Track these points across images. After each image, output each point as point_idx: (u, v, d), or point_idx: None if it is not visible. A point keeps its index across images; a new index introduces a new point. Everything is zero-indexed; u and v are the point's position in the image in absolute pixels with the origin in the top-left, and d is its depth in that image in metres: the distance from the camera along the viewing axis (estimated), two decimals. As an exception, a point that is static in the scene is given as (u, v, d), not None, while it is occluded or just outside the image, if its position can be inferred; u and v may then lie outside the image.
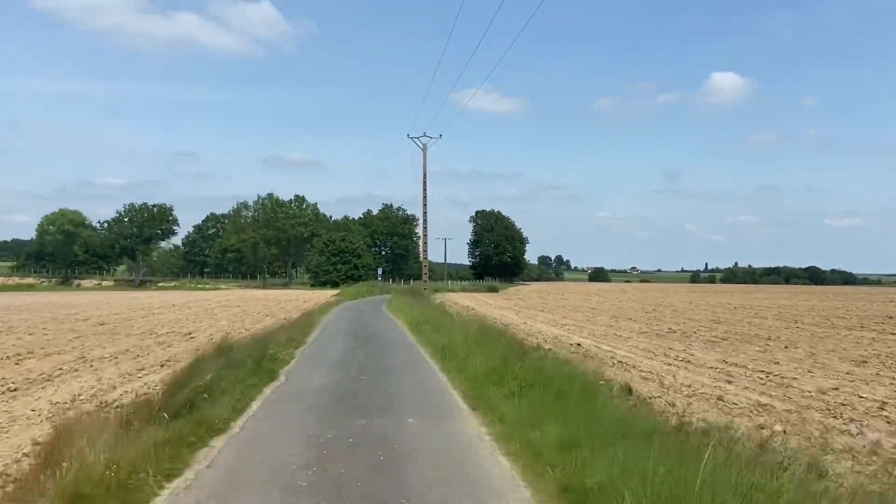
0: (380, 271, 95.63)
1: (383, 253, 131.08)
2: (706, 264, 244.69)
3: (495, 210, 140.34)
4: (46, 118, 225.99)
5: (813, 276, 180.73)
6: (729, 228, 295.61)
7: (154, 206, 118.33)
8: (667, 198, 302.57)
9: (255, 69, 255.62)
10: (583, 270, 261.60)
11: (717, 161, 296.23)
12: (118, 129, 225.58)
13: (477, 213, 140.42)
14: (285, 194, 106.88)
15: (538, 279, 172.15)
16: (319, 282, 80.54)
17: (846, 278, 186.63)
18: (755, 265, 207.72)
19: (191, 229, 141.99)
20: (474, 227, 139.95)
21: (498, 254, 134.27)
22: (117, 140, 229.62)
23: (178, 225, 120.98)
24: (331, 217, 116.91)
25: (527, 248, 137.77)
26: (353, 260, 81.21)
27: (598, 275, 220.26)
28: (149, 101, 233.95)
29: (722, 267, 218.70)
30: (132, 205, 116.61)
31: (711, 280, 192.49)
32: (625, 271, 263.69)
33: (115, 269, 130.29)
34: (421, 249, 45.87)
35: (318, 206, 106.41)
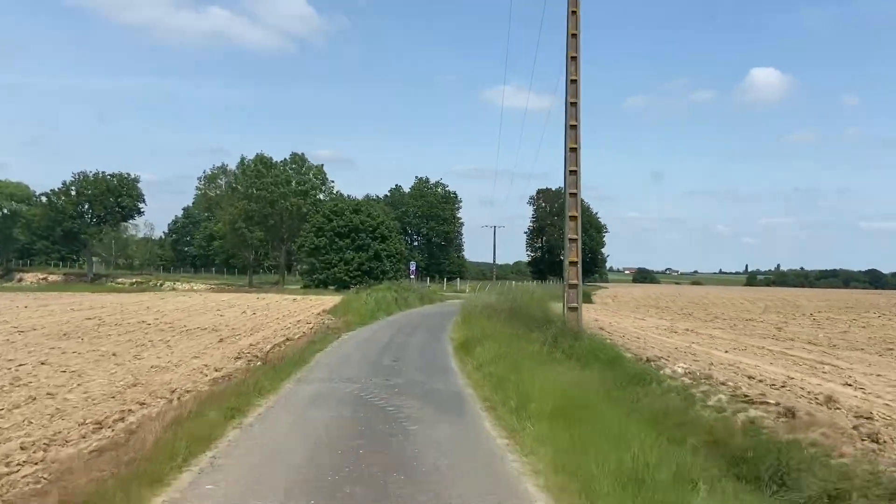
0: (413, 266, 64.18)
1: (415, 243, 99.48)
2: (746, 266, 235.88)
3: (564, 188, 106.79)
4: (78, 113, 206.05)
5: (874, 280, 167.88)
6: (763, 230, 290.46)
7: (112, 175, 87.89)
8: (700, 199, 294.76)
9: (285, 64, 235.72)
10: (618, 271, 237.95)
11: (752, 161, 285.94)
12: (147, 124, 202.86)
13: (539, 192, 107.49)
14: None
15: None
16: (315, 281, 48.85)
17: None
18: (789, 267, 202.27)
19: (179, 213, 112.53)
20: (535, 210, 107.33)
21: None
22: (146, 136, 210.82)
23: (143, 202, 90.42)
24: (348, 196, 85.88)
25: (605, 238, 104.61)
26: (372, 245, 48.92)
27: (644, 276, 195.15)
28: (176, 97, 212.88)
29: (763, 269, 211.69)
30: (83, 174, 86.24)
31: (769, 283, 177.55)
32: (663, 273, 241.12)
33: (69, 260, 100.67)
34: (567, 208, 11.53)
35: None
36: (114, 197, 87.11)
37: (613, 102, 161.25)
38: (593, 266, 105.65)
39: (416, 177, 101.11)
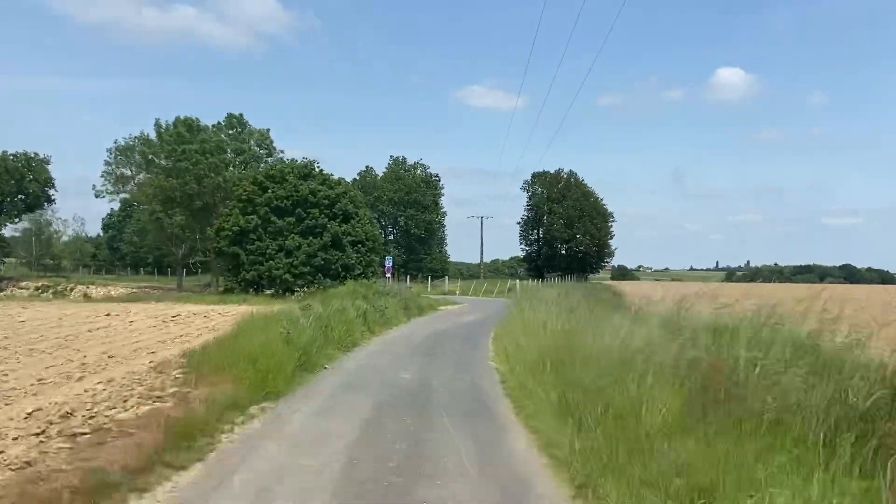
0: (389, 263, 48.12)
1: (391, 236, 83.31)
2: (717, 262, 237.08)
3: (564, 170, 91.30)
4: (43, 115, 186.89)
5: (848, 275, 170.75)
6: (731, 227, 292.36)
7: (16, 156, 69.73)
8: (669, 196, 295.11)
9: (254, 64, 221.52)
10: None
11: (720, 159, 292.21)
12: (109, 123, 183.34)
13: (535, 175, 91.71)
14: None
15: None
16: (242, 283, 31.49)
17: (883, 277, 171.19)
18: (758, 263, 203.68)
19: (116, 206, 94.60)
20: (531, 197, 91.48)
21: (572, 237, 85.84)
22: (107, 136, 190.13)
23: (53, 188, 72.27)
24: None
25: (613, 229, 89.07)
26: (330, 226, 32.16)
27: (623, 274, 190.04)
28: (140, 97, 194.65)
29: (733, 265, 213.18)
30: (-30, 152, 67.77)
31: (748, 279, 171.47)
32: (637, 270, 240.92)
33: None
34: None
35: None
36: (15, 181, 69.00)
37: (588, 101, 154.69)
38: (599, 260, 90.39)
39: (391, 156, 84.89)
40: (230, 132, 52.75)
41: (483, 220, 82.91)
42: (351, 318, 17.17)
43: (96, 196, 60.02)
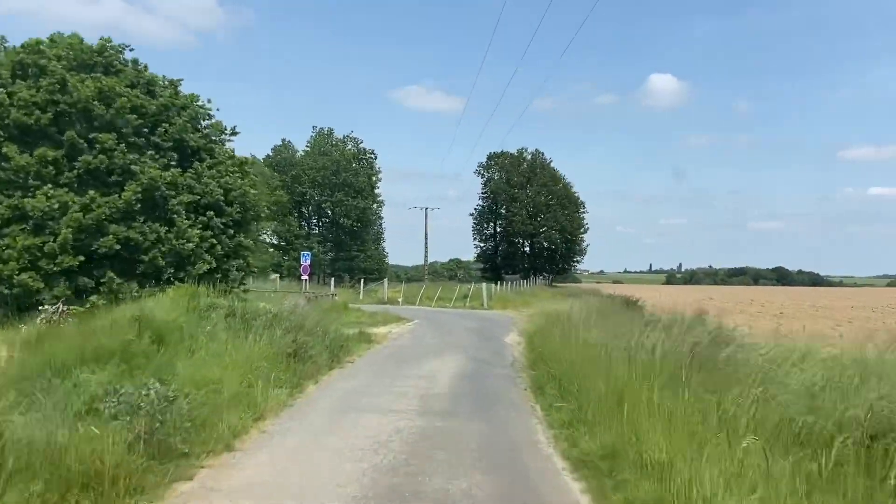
0: (306, 260, 32.77)
1: (315, 229, 65.78)
2: (650, 265, 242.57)
3: (527, 150, 75.64)
4: None
5: (780, 278, 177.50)
6: (663, 230, 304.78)
7: None
8: (604, 200, 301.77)
9: (185, 60, 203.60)
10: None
11: (653, 163, 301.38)
12: None
13: (491, 157, 75.60)
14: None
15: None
16: None
17: (814, 279, 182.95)
18: (688, 266, 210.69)
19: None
20: (486, 183, 75.45)
21: (537, 230, 70.18)
22: None
23: None
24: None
25: (586, 220, 74.00)
26: (143, 168, 15.42)
27: (565, 277, 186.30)
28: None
29: (665, 268, 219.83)
30: None
31: (686, 281, 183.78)
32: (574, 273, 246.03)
33: None
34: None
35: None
36: None
37: (522, 104, 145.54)
38: (570, 258, 75.25)
39: (314, 126, 66.77)
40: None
41: (428, 211, 66.32)
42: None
43: None
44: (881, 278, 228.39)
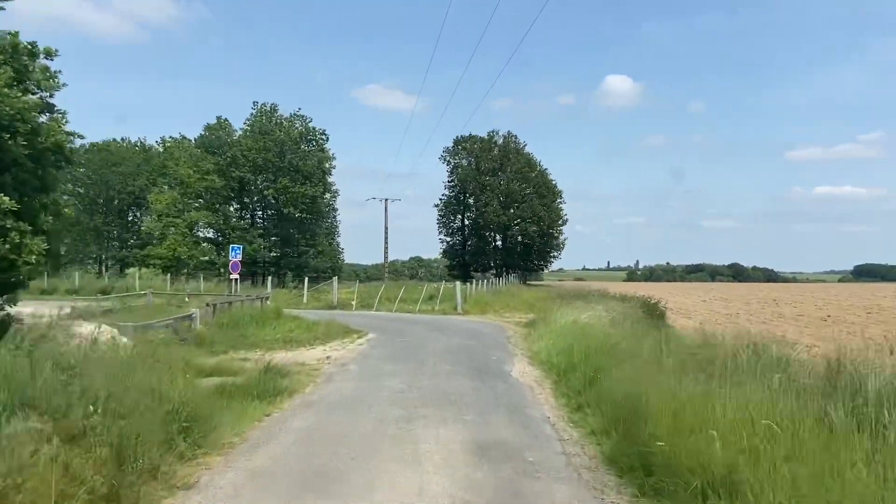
0: (236, 255, 23.75)
1: (259, 220, 56.80)
2: (608, 262, 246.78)
3: (498, 133, 67.92)
4: None
5: (736, 274, 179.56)
6: (619, 228, 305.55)
7: None
8: (565, 198, 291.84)
9: (137, 55, 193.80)
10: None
11: (611, 162, 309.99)
12: None
13: (458, 142, 67.55)
14: None
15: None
16: None
17: (768, 275, 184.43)
18: (645, 263, 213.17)
19: None
20: (453, 171, 67.52)
21: (511, 223, 62.44)
22: None
23: None
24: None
25: (565, 212, 66.62)
26: None
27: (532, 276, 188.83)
28: None
29: (623, 265, 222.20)
30: None
31: (646, 278, 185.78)
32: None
33: None
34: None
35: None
36: None
37: (482, 103, 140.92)
38: (546, 253, 67.72)
39: (255, 103, 57.45)
40: None
41: (388, 202, 57.96)
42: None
43: None
44: (829, 274, 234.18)
